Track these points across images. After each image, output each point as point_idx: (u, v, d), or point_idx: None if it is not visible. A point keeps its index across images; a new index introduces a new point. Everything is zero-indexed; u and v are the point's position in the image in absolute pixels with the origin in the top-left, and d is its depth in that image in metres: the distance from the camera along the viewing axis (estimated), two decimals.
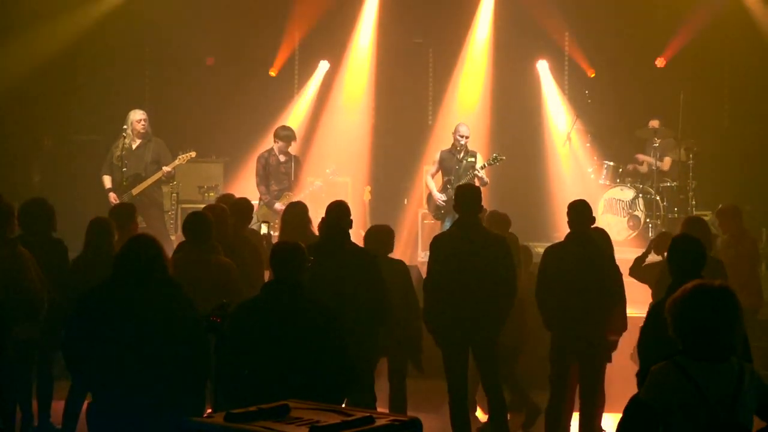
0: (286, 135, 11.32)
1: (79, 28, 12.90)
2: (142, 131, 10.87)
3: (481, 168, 11.15)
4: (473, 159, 11.41)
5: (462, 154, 11.36)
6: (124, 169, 10.71)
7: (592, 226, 7.27)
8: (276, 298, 5.02)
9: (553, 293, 7.02)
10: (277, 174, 11.35)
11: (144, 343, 4.80)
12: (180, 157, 10.85)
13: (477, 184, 10.25)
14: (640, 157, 12.79)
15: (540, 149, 13.47)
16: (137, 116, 10.90)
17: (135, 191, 10.79)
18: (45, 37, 12.63)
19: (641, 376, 3.92)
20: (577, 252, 7.06)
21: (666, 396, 3.56)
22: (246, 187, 12.08)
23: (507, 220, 8.24)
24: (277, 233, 11.19)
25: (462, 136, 11.32)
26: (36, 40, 12.59)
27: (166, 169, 10.77)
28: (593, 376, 7.01)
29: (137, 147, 10.91)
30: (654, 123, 12.59)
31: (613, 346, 7.19)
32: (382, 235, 7.32)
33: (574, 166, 13.19)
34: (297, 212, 7.87)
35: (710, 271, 6.93)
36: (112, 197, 10.70)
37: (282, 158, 11.36)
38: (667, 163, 12.50)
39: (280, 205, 11.30)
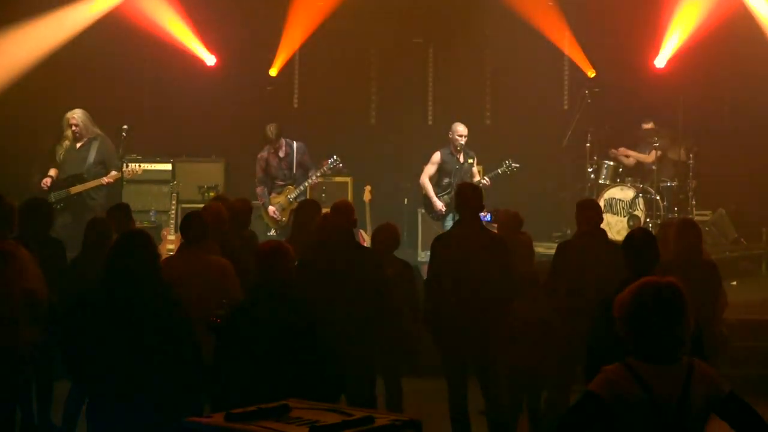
0: (264, 136, 11.27)
1: (79, 27, 12.88)
2: (76, 133, 10.89)
3: (484, 178, 11.16)
4: (472, 160, 11.43)
5: (462, 156, 11.36)
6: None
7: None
8: (261, 301, 4.99)
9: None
10: (279, 170, 11.36)
11: (137, 343, 4.80)
12: (111, 174, 10.97)
13: None
14: (624, 151, 12.79)
15: (539, 149, 13.45)
16: (70, 120, 10.99)
17: (73, 190, 10.82)
18: (45, 35, 12.61)
19: (589, 372, 3.89)
20: (588, 248, 7.11)
21: (617, 394, 3.56)
22: (246, 187, 12.07)
23: (519, 219, 8.20)
24: (272, 232, 11.26)
25: (461, 136, 11.32)
26: (36, 39, 12.57)
27: (105, 179, 10.89)
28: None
29: (80, 147, 10.96)
30: (648, 125, 12.58)
31: None
32: (385, 235, 7.36)
33: (573, 166, 13.19)
34: (308, 212, 7.84)
35: (699, 274, 6.95)
36: (46, 181, 10.81)
37: (281, 154, 11.34)
38: (652, 155, 12.47)
39: (273, 209, 11.28)
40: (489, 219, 8.96)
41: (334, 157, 11.55)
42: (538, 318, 7.14)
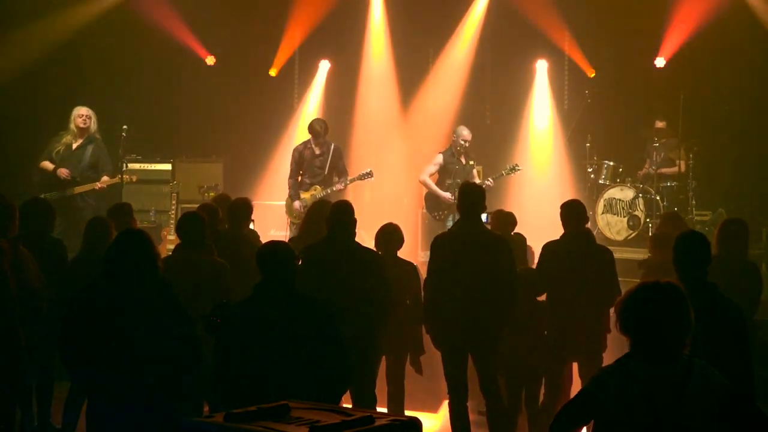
0: (312, 129, 11.24)
1: (79, 27, 12.89)
2: (82, 126, 10.87)
3: (488, 179, 11.16)
4: (472, 161, 11.44)
5: (464, 157, 11.36)
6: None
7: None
8: (265, 298, 4.99)
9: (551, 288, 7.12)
10: (311, 167, 11.28)
11: (135, 342, 4.80)
12: (103, 179, 10.92)
13: None
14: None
15: (539, 149, 13.45)
16: (79, 111, 10.91)
17: (66, 192, 10.79)
18: (45, 35, 12.63)
19: None
20: (573, 250, 7.09)
21: (610, 392, 3.60)
22: (246, 186, 12.09)
23: (513, 219, 8.20)
24: (273, 231, 11.25)
25: (465, 141, 11.30)
26: (36, 39, 12.58)
27: (98, 185, 10.86)
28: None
29: (77, 147, 10.92)
30: (660, 124, 12.55)
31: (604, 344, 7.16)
32: (389, 235, 7.36)
33: (573, 166, 13.18)
34: (318, 210, 7.83)
35: (741, 273, 6.92)
36: (62, 171, 10.78)
37: (317, 151, 11.26)
38: (681, 165, 12.30)
39: (298, 204, 11.23)
40: (485, 219, 8.96)
41: (370, 170, 11.50)
42: (534, 317, 7.15)
